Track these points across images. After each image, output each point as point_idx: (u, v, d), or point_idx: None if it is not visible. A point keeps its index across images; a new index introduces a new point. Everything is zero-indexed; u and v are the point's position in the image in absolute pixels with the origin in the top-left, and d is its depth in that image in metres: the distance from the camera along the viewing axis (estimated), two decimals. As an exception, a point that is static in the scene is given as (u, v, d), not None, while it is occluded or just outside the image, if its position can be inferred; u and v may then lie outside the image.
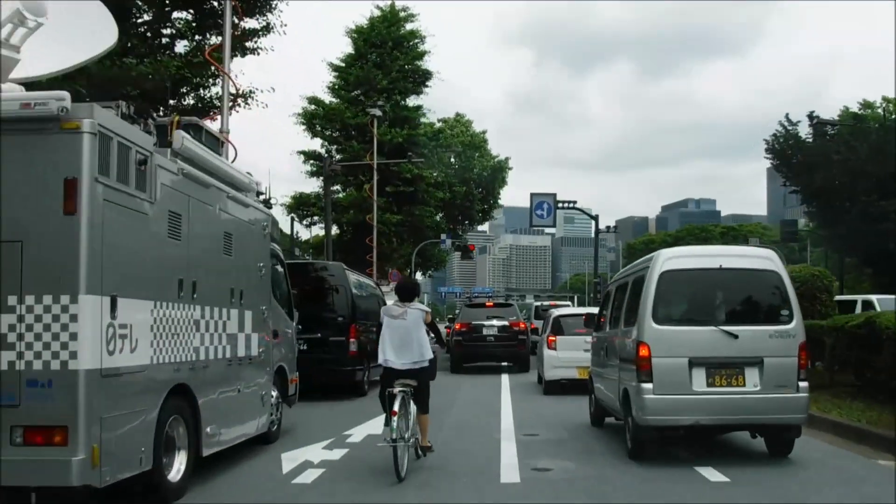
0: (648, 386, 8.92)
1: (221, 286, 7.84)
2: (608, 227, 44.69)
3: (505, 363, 23.67)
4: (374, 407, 14.50)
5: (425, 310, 8.50)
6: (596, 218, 42.89)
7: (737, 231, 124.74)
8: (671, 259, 9.43)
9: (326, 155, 31.12)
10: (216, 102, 14.56)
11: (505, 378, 20.70)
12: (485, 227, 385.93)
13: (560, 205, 42.62)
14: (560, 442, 10.35)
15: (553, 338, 16.23)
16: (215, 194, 7.70)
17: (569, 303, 39.33)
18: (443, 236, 55.75)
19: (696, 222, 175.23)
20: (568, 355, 15.84)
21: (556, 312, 17.30)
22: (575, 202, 42.88)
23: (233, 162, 9.25)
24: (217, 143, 8.31)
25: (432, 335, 8.63)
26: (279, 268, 10.68)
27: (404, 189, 34.64)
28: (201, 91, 15.32)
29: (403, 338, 8.20)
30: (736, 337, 8.95)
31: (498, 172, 62.94)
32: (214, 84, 14.88)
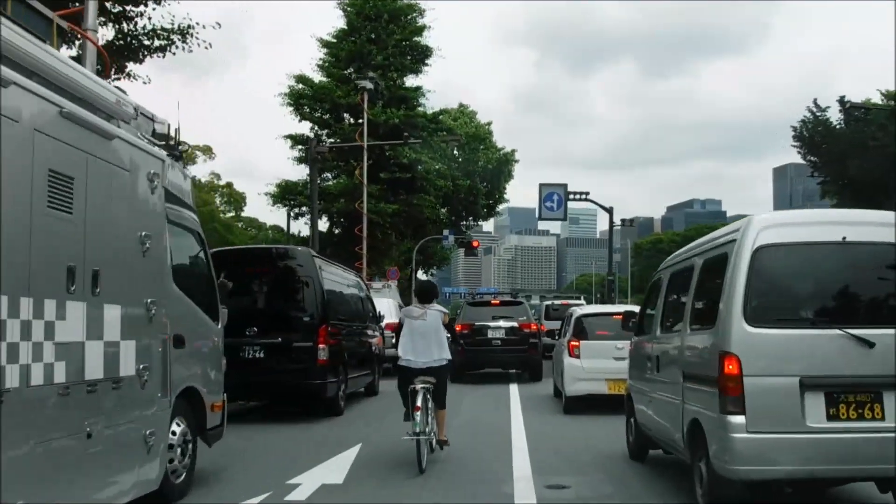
0: (738, 420, 5.86)
1: (43, 263, 4.63)
2: (624, 221, 41.44)
3: (514, 370, 20.52)
4: (348, 432, 11.47)
5: (443, 311, 8.92)
6: (610, 210, 39.69)
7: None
8: (769, 228, 6.26)
9: (313, 136, 27.72)
10: (144, 41, 11.38)
11: (514, 389, 17.52)
12: (490, 227, 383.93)
13: (571, 196, 39.49)
14: (601, 500, 7.12)
15: (575, 343, 12.99)
16: (27, 103, 4.48)
17: (582, 301, 36.12)
18: (445, 232, 52.54)
19: (702, 223, 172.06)
20: (595, 365, 12.67)
21: (578, 311, 14.02)
22: (587, 193, 39.74)
23: (105, 80, 6.03)
24: (48, 26, 5.06)
25: (448, 335, 8.90)
26: (194, 244, 7.45)
27: (401, 175, 31.17)
28: (126, 24, 11.96)
29: (424, 338, 8.56)
30: (871, 345, 5.88)
31: (504, 165, 59.82)
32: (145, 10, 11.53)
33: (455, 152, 59.22)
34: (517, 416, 12.80)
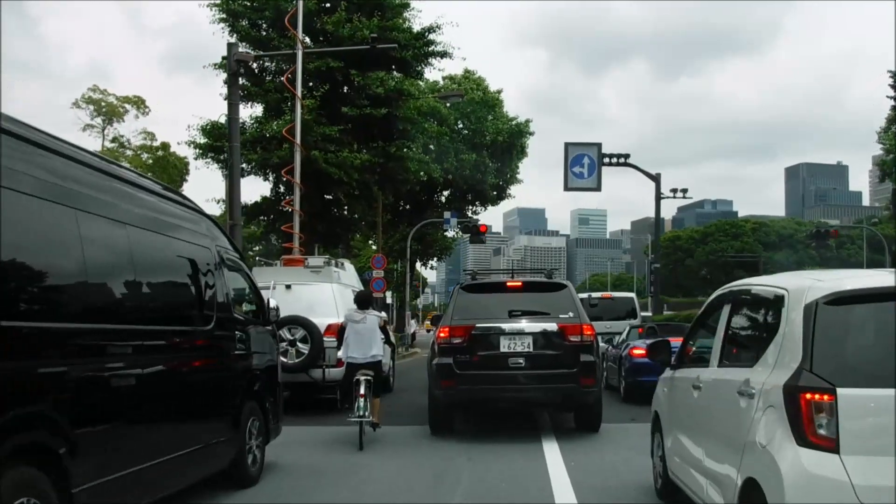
0: None
1: None
2: (675, 191, 32.12)
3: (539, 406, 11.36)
4: None
5: (381, 316, 10.51)
6: (657, 177, 30.47)
7: (769, 227, 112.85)
8: None
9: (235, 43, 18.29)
10: None
11: (555, 462, 8.49)
12: (499, 227, 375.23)
13: (607, 160, 30.23)
14: None
15: (825, 395, 3.69)
16: None
17: (633, 295, 27.01)
18: (447, 214, 43.39)
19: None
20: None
21: (814, 287, 4.00)
22: (627, 156, 30.53)
23: None
24: None
25: (383, 336, 10.26)
26: None
27: (373, 112, 21.62)
28: None
29: (364, 338, 9.96)
30: None
31: (516, 139, 50.41)
32: None
33: (459, 124, 50.13)
34: None
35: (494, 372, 9.84)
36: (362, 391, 9.51)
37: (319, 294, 13.47)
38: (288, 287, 13.56)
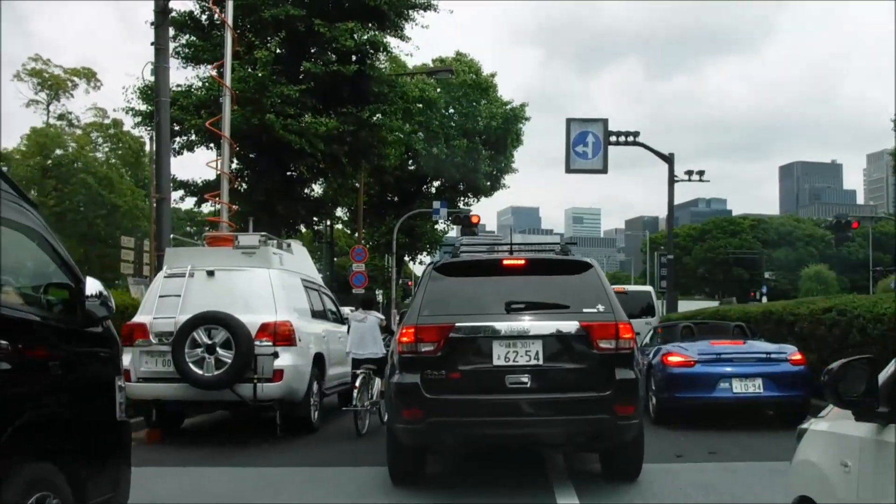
0: None
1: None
2: (690, 173, 28.84)
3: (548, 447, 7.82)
4: None
5: (380, 317, 11.40)
6: (670, 157, 27.17)
7: (767, 224, 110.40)
8: None
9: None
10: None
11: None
12: (493, 226, 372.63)
13: (614, 139, 26.80)
14: None
15: None
16: None
17: (650, 288, 23.80)
18: (436, 204, 40.07)
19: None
20: None
21: None
22: (637, 134, 27.17)
23: None
24: None
25: (386, 336, 11.43)
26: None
27: (342, 70, 18.03)
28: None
29: (364, 336, 10.92)
30: None
31: (511, 124, 47.12)
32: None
33: (451, 110, 46.78)
34: None
35: (484, 397, 6.35)
36: (357, 384, 10.28)
37: (252, 283, 10.13)
38: (210, 274, 10.17)
